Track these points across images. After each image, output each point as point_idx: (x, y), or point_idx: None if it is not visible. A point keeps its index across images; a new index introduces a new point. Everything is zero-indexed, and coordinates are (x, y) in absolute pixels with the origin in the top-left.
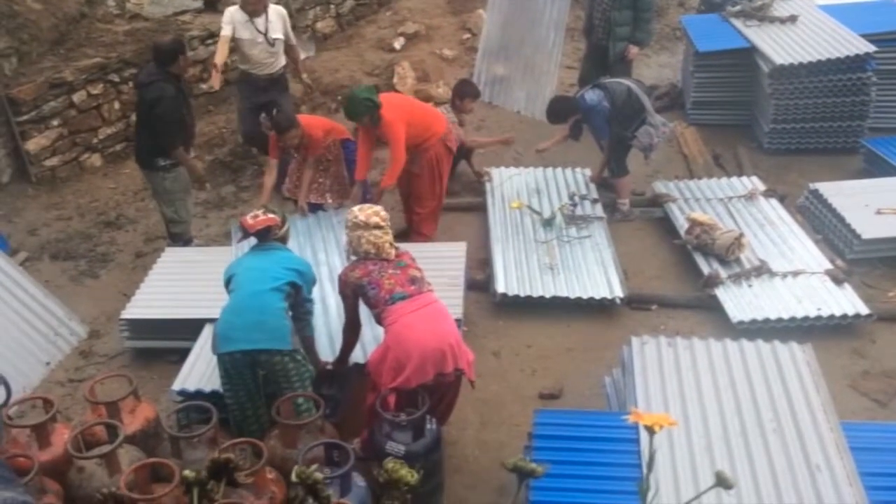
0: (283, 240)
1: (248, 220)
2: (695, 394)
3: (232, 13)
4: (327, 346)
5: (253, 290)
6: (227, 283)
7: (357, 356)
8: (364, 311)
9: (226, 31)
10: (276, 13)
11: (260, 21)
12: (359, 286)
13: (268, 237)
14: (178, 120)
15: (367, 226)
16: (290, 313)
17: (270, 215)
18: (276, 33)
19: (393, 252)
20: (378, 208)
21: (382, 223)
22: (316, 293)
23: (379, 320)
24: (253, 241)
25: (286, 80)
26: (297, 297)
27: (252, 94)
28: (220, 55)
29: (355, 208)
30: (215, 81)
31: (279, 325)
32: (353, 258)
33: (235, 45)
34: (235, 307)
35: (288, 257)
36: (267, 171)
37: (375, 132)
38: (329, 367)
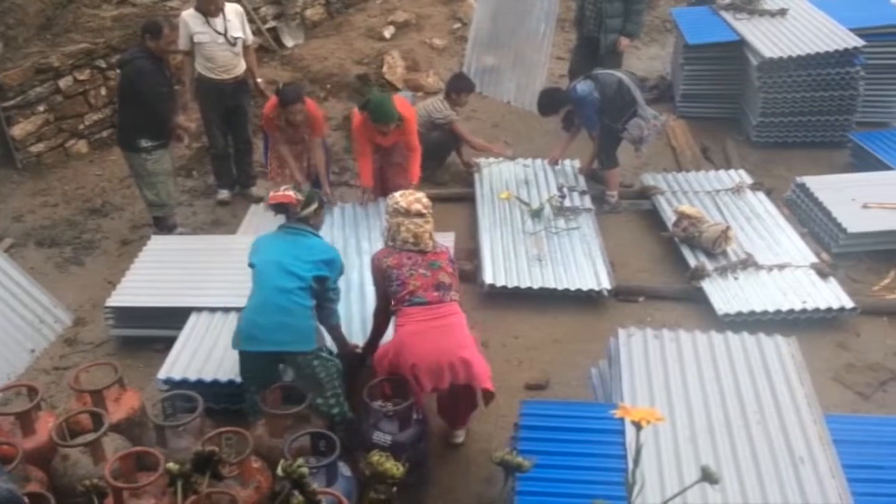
0: (314, 223)
1: (272, 193)
2: (680, 385)
3: (186, 21)
4: (360, 333)
5: (278, 288)
6: (251, 266)
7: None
8: None
9: (184, 46)
10: (233, 11)
11: (218, 21)
12: (387, 276)
13: (290, 215)
14: (162, 93)
15: (407, 213)
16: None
17: (290, 193)
18: (236, 32)
19: (431, 244)
20: (421, 195)
21: (424, 211)
22: (355, 280)
23: (392, 315)
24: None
25: (249, 85)
26: (322, 287)
27: (217, 101)
28: (187, 75)
29: (397, 194)
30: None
31: (305, 326)
32: (391, 244)
33: (196, 52)
34: (260, 306)
35: (316, 246)
36: (276, 147)
37: (375, 138)
38: (359, 350)
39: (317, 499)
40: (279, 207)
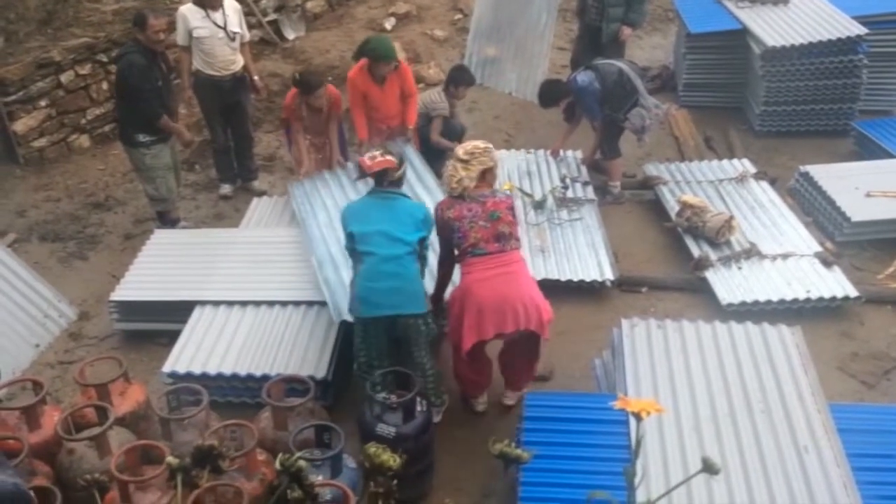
0: (399, 183)
1: (367, 160)
2: (684, 375)
3: (185, 15)
4: None
5: (389, 255)
6: (350, 235)
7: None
8: None
9: (182, 41)
10: (231, 7)
11: (217, 15)
12: (449, 227)
13: (384, 180)
14: (153, 89)
15: (454, 156)
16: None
17: (388, 157)
18: (235, 27)
19: (458, 189)
20: (474, 144)
21: (463, 157)
22: None
23: (458, 262)
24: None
25: (247, 81)
26: (422, 246)
27: (217, 97)
28: (185, 70)
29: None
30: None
31: (417, 289)
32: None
33: (194, 47)
34: (374, 273)
35: (410, 207)
36: (296, 141)
37: (371, 91)
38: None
39: (314, 492)
40: (381, 173)
